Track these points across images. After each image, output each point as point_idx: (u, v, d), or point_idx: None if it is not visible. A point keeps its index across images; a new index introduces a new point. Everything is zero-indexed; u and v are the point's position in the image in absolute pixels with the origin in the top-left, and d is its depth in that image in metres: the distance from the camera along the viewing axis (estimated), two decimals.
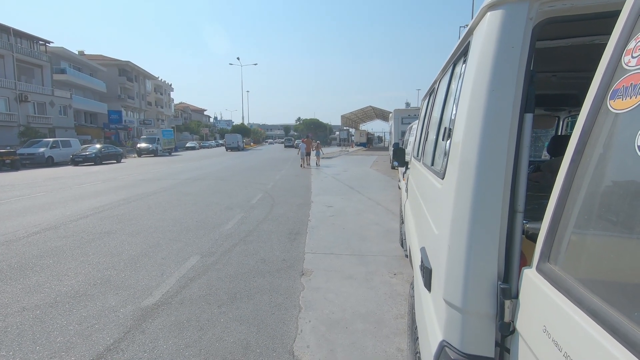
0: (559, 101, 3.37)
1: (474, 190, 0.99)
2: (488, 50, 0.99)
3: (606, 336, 0.58)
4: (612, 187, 0.69)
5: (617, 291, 0.66)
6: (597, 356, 0.59)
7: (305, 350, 2.79)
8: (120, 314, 3.32)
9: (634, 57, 0.66)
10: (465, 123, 1.04)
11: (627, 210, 0.64)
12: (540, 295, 0.80)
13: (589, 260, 0.75)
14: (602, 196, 0.71)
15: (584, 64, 2.36)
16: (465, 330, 0.99)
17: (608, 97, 0.70)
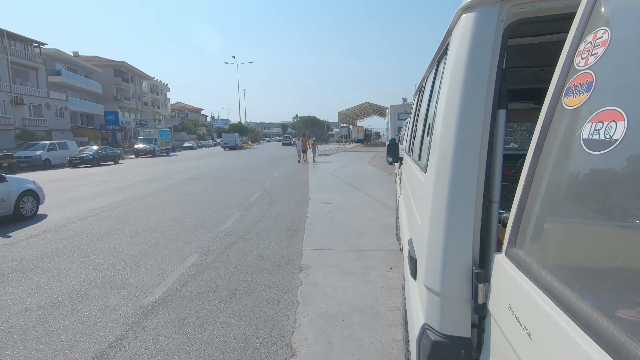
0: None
1: (450, 183, 1.05)
2: (462, 50, 1.05)
3: (558, 312, 0.65)
4: (566, 178, 0.76)
5: (570, 272, 0.72)
6: (550, 329, 0.66)
7: (303, 343, 2.86)
8: (122, 312, 3.38)
9: (583, 58, 0.72)
10: (442, 119, 1.10)
11: (577, 199, 0.70)
12: (507, 278, 0.86)
13: (547, 244, 0.81)
14: (558, 186, 0.78)
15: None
16: (444, 313, 1.05)
17: (563, 95, 0.76)
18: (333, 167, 17.77)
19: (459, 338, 1.03)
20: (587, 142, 0.65)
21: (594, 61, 0.68)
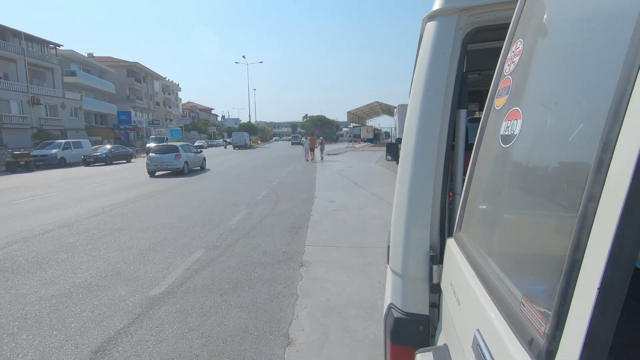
0: None
1: (411, 176, 1.15)
2: (425, 55, 1.14)
3: (479, 286, 0.74)
4: (490, 170, 0.85)
5: (489, 251, 0.81)
6: (471, 299, 0.76)
7: (299, 333, 2.98)
8: (130, 303, 3.55)
9: (508, 64, 0.81)
10: (408, 118, 1.20)
11: (496, 189, 0.79)
12: (451, 258, 0.96)
13: (475, 228, 0.91)
14: (485, 177, 0.87)
15: None
16: (406, 292, 1.15)
17: (495, 97, 0.86)
18: (340, 166, 17.85)
19: (418, 315, 1.13)
20: (502, 137, 0.74)
21: (513, 68, 0.77)
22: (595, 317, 0.38)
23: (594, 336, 0.38)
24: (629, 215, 0.35)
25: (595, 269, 0.38)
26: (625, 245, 0.36)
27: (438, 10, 1.14)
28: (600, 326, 0.38)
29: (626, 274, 0.36)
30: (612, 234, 0.37)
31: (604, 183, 0.39)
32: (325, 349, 2.77)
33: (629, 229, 0.36)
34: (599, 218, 0.39)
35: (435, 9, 1.15)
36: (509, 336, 0.55)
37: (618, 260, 0.36)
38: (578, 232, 0.42)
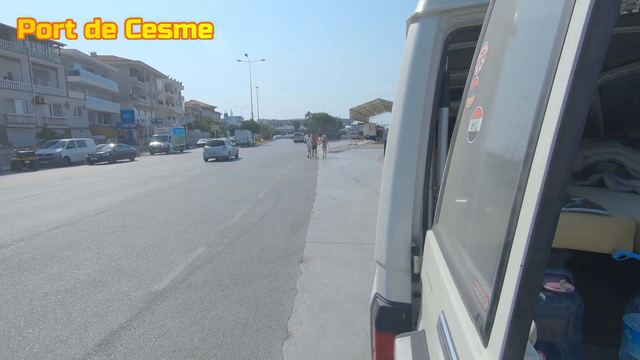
0: None
1: (394, 171, 1.20)
2: (408, 56, 1.19)
3: (447, 272, 0.80)
4: (459, 165, 0.91)
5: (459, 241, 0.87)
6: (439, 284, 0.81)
7: (298, 327, 3.05)
8: (133, 298, 3.64)
9: (477, 65, 0.86)
10: (392, 116, 1.25)
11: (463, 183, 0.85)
12: (428, 248, 1.02)
13: (447, 219, 0.97)
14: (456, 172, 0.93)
15: None
16: (390, 282, 1.21)
17: (467, 96, 0.91)
18: (342, 164, 17.89)
19: (401, 304, 1.19)
20: (469, 134, 0.80)
21: (480, 69, 0.82)
22: (521, 291, 0.43)
23: (520, 308, 0.43)
24: (546, 202, 0.41)
25: (520, 250, 0.44)
26: (543, 229, 0.41)
27: (420, 12, 1.18)
28: (524, 299, 0.43)
29: (545, 254, 0.42)
30: (533, 218, 0.42)
31: (529, 175, 0.44)
32: (322, 342, 2.83)
33: (545, 215, 0.41)
34: (525, 205, 0.44)
35: (417, 11, 1.20)
36: (463, 314, 0.61)
37: (538, 242, 0.42)
38: (510, 217, 0.47)
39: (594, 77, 0.38)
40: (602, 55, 0.37)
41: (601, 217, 1.27)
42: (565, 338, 1.17)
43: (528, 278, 0.42)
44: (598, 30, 0.36)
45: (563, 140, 0.39)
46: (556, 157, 0.40)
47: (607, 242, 1.26)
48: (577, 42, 0.38)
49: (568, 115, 0.39)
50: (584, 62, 0.38)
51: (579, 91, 0.38)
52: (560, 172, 0.40)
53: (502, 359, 0.44)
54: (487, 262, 0.58)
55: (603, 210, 1.28)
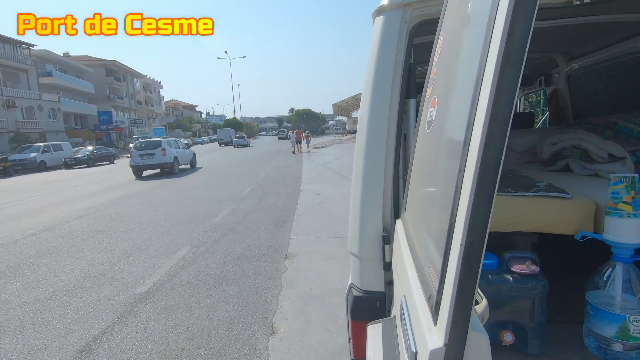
0: None
1: (364, 163, 1.22)
2: (374, 49, 1.21)
3: (409, 257, 0.83)
4: (419, 154, 0.93)
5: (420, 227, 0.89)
6: (403, 270, 0.84)
7: (283, 322, 3.06)
8: (115, 302, 3.57)
9: (435, 56, 0.89)
10: (360, 109, 1.27)
11: (421, 170, 0.87)
12: (397, 236, 1.05)
13: (409, 208, 1.00)
14: (417, 161, 0.96)
15: None
16: (363, 272, 1.24)
17: (427, 86, 0.93)
18: (326, 159, 17.93)
19: (375, 292, 1.21)
20: (427, 123, 0.82)
21: (437, 60, 0.85)
22: (462, 270, 0.45)
23: (462, 286, 0.45)
24: (481, 183, 0.43)
25: (460, 230, 0.46)
26: (480, 209, 0.43)
27: (384, 5, 1.20)
28: (466, 278, 0.45)
29: (482, 233, 0.44)
30: (470, 199, 0.44)
31: (467, 158, 0.46)
32: (307, 336, 2.86)
33: (481, 195, 0.43)
34: (464, 187, 0.46)
35: (382, 4, 1.21)
36: (419, 296, 0.63)
37: (475, 222, 0.44)
38: (452, 200, 0.49)
39: (518, 64, 0.40)
40: (525, 43, 0.39)
41: (563, 200, 1.33)
42: (532, 317, 1.22)
43: (468, 257, 0.44)
44: (519, 22, 0.39)
45: (493, 123, 0.41)
46: (489, 139, 0.41)
47: (569, 224, 1.31)
48: (500, 33, 0.40)
49: (497, 100, 0.41)
50: (509, 50, 0.40)
51: (506, 77, 0.40)
52: (493, 154, 0.42)
53: (447, 336, 0.46)
54: (437, 245, 0.60)
55: (565, 194, 1.33)
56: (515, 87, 0.40)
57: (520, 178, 1.63)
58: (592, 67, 2.64)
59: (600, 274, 1.22)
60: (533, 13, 0.38)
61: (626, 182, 1.13)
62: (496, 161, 0.42)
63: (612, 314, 1.16)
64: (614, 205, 1.16)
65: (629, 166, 1.49)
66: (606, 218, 1.19)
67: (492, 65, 0.41)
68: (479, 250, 0.44)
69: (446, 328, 0.46)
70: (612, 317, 1.16)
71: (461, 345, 0.46)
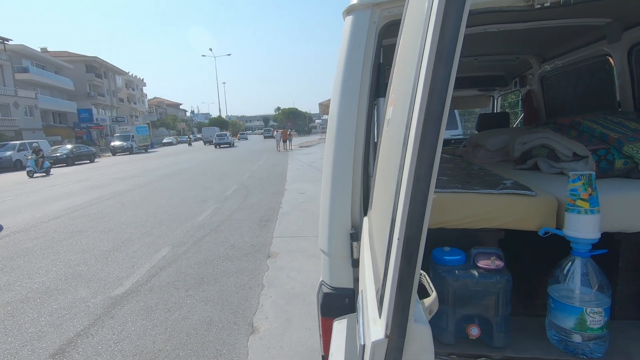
0: (488, 82, 3.69)
1: (333, 160, 1.23)
2: (344, 48, 1.22)
3: (368, 253, 0.84)
4: (380, 152, 0.95)
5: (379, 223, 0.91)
6: (364, 265, 0.86)
7: (263, 321, 3.06)
8: (91, 304, 3.49)
9: (396, 54, 0.91)
10: (330, 108, 1.28)
11: (382, 168, 0.89)
12: (363, 233, 1.06)
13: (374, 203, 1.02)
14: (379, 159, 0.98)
15: (491, 48, 2.65)
16: (332, 269, 1.25)
17: (390, 85, 0.95)
18: (313, 158, 17.93)
19: (344, 289, 1.23)
20: (387, 121, 0.84)
21: (396, 58, 0.87)
22: (402, 263, 0.46)
23: (402, 278, 0.47)
24: (417, 179, 0.44)
25: (399, 224, 0.47)
26: (416, 203, 0.45)
27: (354, 5, 1.21)
28: (405, 270, 0.46)
29: (419, 227, 0.45)
30: (408, 194, 0.45)
31: (405, 155, 0.47)
32: (287, 334, 2.86)
33: (417, 190, 0.44)
34: (403, 182, 0.48)
35: (351, 3, 1.22)
36: (371, 290, 0.65)
37: (412, 217, 0.45)
38: (394, 195, 0.51)
39: (449, 63, 0.41)
40: (454, 43, 0.41)
41: (528, 197, 1.37)
42: (497, 311, 1.26)
43: (407, 250, 0.46)
44: (449, 22, 0.40)
45: (427, 121, 0.43)
46: (423, 137, 0.43)
47: (533, 220, 1.36)
48: (432, 33, 0.41)
49: (431, 98, 0.42)
50: (441, 50, 0.41)
51: (438, 75, 0.42)
52: (427, 151, 0.43)
53: (388, 327, 0.48)
54: (384, 240, 0.62)
55: (529, 191, 1.37)
56: (446, 85, 0.42)
57: (489, 176, 1.67)
58: (562, 69, 2.73)
59: (561, 268, 1.27)
60: (462, 13, 0.40)
61: (584, 180, 1.18)
62: (430, 158, 0.43)
63: (570, 306, 1.21)
64: (573, 202, 1.21)
65: (591, 164, 1.55)
66: (566, 214, 1.24)
67: (426, 64, 0.42)
68: (416, 244, 0.46)
69: (387, 320, 0.48)
70: (570, 309, 1.21)
71: (401, 336, 0.48)
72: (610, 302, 1.18)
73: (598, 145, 1.57)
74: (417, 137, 0.43)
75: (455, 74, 0.42)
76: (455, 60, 0.42)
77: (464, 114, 8.50)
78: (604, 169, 1.52)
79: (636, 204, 1.29)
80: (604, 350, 1.21)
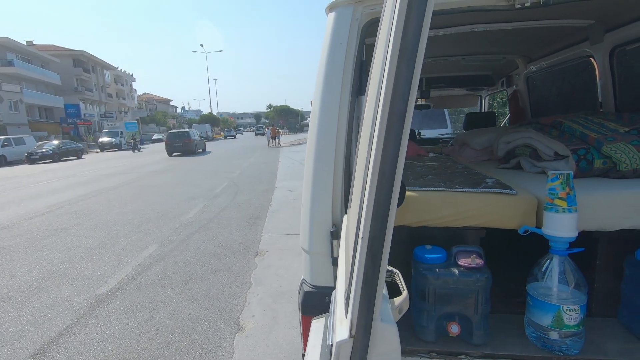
0: (475, 81, 3.72)
1: (314, 158, 1.23)
2: (326, 45, 1.21)
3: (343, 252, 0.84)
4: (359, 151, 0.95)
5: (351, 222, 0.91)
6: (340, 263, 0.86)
7: (250, 320, 3.04)
8: (74, 303, 3.43)
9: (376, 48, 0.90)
10: (312, 105, 1.27)
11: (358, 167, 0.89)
12: (343, 231, 1.06)
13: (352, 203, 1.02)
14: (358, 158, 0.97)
15: (478, 47, 2.66)
16: (313, 267, 1.25)
17: (369, 84, 0.95)
18: (303, 156, 17.84)
19: (324, 287, 1.23)
20: (362, 119, 0.83)
21: (374, 57, 0.86)
22: (366, 262, 0.46)
23: (366, 277, 0.46)
24: (381, 176, 0.43)
25: (364, 223, 0.46)
26: (381, 202, 0.44)
27: (336, 1, 1.20)
28: (370, 268, 0.46)
29: (383, 226, 0.45)
30: (373, 191, 0.45)
31: (372, 152, 0.47)
32: (273, 332, 2.85)
33: (381, 188, 0.44)
34: (368, 180, 0.47)
35: (334, 0, 1.21)
36: (342, 289, 0.64)
37: (377, 216, 0.45)
38: (361, 194, 0.50)
39: (412, 61, 0.41)
40: (417, 41, 0.40)
41: (509, 196, 1.38)
42: (476, 309, 1.27)
43: (371, 249, 0.45)
44: (412, 20, 0.39)
45: (392, 117, 0.42)
46: (387, 134, 0.42)
47: (513, 218, 1.37)
48: (394, 31, 0.41)
49: (394, 96, 0.42)
50: (404, 48, 0.41)
51: (401, 73, 0.41)
52: (391, 149, 0.42)
53: (354, 327, 0.47)
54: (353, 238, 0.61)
55: (510, 190, 1.39)
56: (409, 84, 0.41)
57: (473, 175, 1.69)
58: (547, 70, 2.76)
59: (539, 267, 1.28)
60: (423, 13, 0.39)
61: (562, 179, 1.20)
62: (394, 155, 0.43)
63: (548, 304, 1.22)
64: (551, 201, 1.22)
65: (571, 164, 1.57)
66: (545, 213, 1.25)
67: (388, 62, 0.42)
68: (381, 243, 0.45)
69: (352, 319, 0.47)
70: (548, 307, 1.22)
71: (366, 336, 0.47)
72: (586, 300, 1.20)
73: (578, 145, 1.59)
74: (382, 134, 0.43)
75: (419, 72, 0.42)
76: (419, 59, 0.41)
77: (453, 113, 8.56)
78: (583, 169, 1.54)
79: (614, 203, 1.31)
80: (580, 346, 1.23)
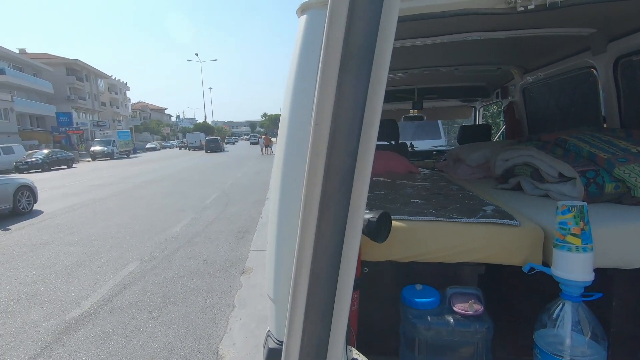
0: (469, 92, 3.57)
1: (280, 185, 1.05)
2: (297, 49, 1.03)
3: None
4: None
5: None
6: None
7: (230, 348, 2.81)
8: (41, 329, 3.17)
9: None
10: (282, 114, 1.09)
11: None
12: None
13: None
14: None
15: (472, 57, 2.51)
16: (278, 317, 1.05)
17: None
18: None
19: None
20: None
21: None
22: None
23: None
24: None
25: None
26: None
27: (308, 2, 1.03)
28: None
29: None
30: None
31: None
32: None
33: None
34: None
35: (306, 1, 1.04)
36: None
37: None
38: None
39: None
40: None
41: (511, 227, 1.20)
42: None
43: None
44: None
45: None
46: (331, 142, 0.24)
47: (517, 254, 1.19)
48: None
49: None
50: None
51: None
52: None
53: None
54: None
55: (512, 221, 1.20)
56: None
57: (468, 199, 1.50)
58: (545, 81, 2.61)
59: (549, 313, 1.09)
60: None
61: (574, 212, 1.01)
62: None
63: (560, 359, 1.03)
64: (562, 237, 1.03)
65: (579, 188, 1.39)
66: (554, 251, 1.06)
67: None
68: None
69: None
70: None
71: None
72: (606, 356, 1.01)
73: (586, 166, 1.42)
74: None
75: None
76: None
77: (447, 123, 8.44)
78: (593, 194, 1.37)
79: (632, 236, 1.13)
80: None
